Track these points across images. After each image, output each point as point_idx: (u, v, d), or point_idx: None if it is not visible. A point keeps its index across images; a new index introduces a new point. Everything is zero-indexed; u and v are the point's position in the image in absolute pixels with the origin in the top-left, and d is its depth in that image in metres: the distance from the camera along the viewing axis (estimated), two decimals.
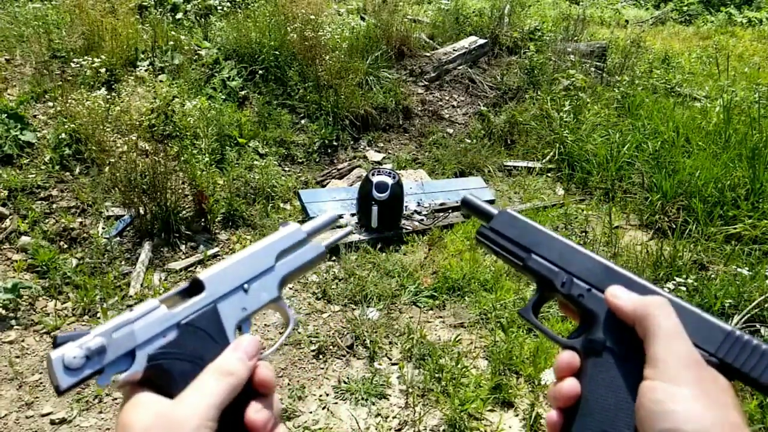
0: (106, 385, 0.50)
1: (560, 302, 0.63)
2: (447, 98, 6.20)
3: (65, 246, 3.52)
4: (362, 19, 6.62)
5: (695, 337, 0.51)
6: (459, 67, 6.53)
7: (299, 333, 3.06)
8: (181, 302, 0.55)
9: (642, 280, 0.58)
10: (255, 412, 0.51)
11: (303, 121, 5.21)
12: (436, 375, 2.77)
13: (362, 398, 2.69)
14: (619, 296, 0.55)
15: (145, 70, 4.81)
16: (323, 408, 2.65)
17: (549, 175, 5.09)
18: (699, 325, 0.53)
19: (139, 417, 0.48)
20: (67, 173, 3.96)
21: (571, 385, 0.54)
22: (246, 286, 0.58)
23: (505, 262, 0.65)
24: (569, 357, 0.56)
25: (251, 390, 0.52)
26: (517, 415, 2.63)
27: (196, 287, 0.57)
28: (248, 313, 0.58)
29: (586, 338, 0.56)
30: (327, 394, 2.73)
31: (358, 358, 2.96)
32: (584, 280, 0.59)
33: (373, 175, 3.89)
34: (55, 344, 0.49)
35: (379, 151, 5.31)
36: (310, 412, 2.62)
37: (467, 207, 0.69)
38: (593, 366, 0.54)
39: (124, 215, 3.75)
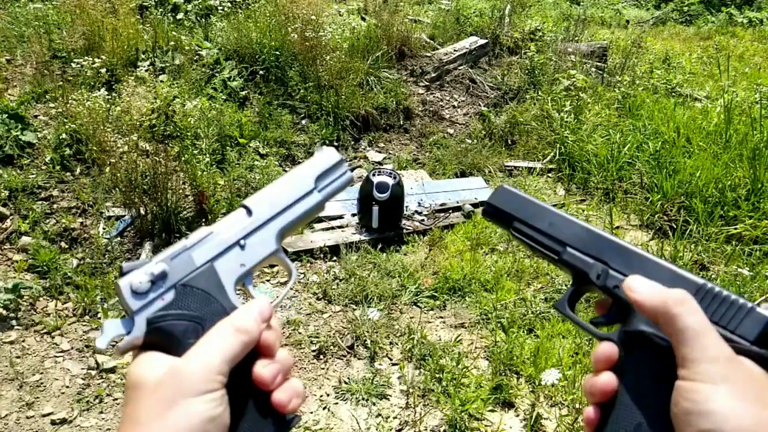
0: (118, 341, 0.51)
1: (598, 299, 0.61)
2: (448, 98, 6.20)
3: (66, 246, 3.52)
4: (363, 19, 6.62)
5: (732, 325, 0.50)
6: (460, 68, 6.53)
7: (300, 333, 3.06)
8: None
9: (673, 266, 0.56)
10: (262, 367, 0.51)
11: (304, 122, 5.21)
12: (437, 375, 2.77)
13: (363, 398, 2.69)
14: (636, 289, 0.52)
15: (146, 71, 4.81)
16: (324, 408, 2.65)
17: (550, 175, 5.09)
18: (738, 314, 0.51)
19: (150, 371, 0.48)
20: (68, 173, 3.97)
21: (608, 379, 0.52)
22: (242, 242, 0.58)
23: (540, 256, 0.64)
24: (608, 349, 0.54)
25: (256, 353, 0.52)
26: (517, 416, 2.63)
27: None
28: (248, 269, 0.57)
29: (623, 330, 0.55)
30: (327, 395, 2.73)
31: (359, 359, 2.96)
32: (618, 270, 0.58)
33: (373, 175, 3.89)
34: (121, 273, 0.51)
35: (379, 152, 5.31)
36: (311, 413, 2.62)
37: (489, 214, 0.68)
38: (631, 359, 0.52)
39: (124, 215, 3.75)
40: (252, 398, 0.51)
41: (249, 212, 0.59)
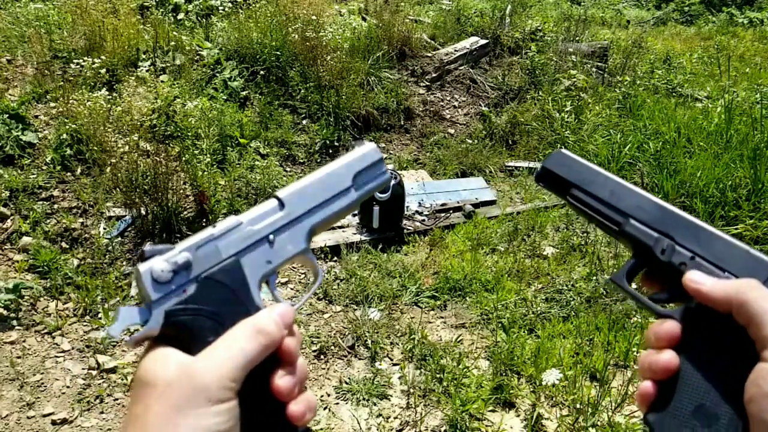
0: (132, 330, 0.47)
1: (646, 274, 0.59)
2: (448, 99, 6.20)
3: (66, 246, 3.52)
4: (363, 19, 6.62)
5: None
6: (460, 68, 6.53)
7: (300, 333, 3.06)
8: None
9: (747, 246, 0.54)
10: (281, 377, 0.49)
11: (304, 122, 5.21)
12: (438, 375, 2.77)
13: (363, 399, 2.69)
14: (702, 282, 0.51)
15: (147, 71, 4.81)
16: (325, 408, 2.65)
17: None
18: None
19: (162, 370, 0.45)
20: (69, 174, 3.97)
21: (671, 357, 0.51)
22: (271, 237, 0.54)
23: (599, 226, 0.61)
24: (670, 327, 0.52)
25: (276, 358, 0.50)
26: (518, 416, 2.63)
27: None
28: (273, 267, 0.54)
29: (688, 308, 0.53)
30: (328, 395, 2.73)
31: (360, 359, 2.96)
32: (686, 246, 0.55)
33: None
34: (143, 258, 0.48)
35: None
36: None
37: (544, 179, 0.65)
38: (695, 337, 0.51)
39: (125, 216, 3.75)
40: (266, 407, 0.48)
41: (281, 205, 0.55)
